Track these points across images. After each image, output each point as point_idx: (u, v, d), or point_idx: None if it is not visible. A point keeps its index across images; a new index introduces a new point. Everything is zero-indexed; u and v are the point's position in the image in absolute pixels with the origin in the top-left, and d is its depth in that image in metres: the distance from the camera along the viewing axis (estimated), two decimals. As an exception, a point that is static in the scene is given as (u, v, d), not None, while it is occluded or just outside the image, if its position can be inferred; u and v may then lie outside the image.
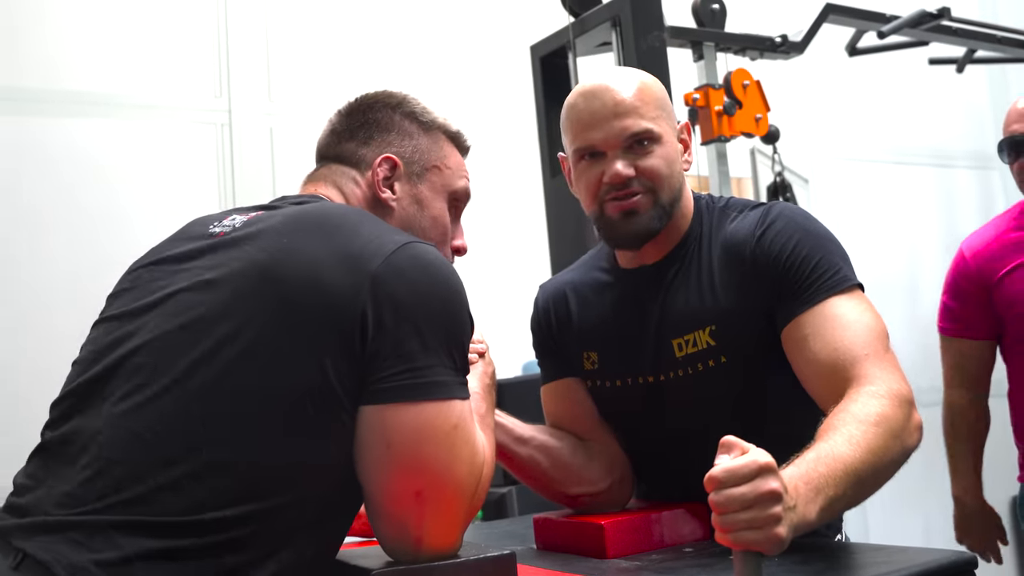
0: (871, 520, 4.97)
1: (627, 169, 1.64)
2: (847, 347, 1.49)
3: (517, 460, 1.74)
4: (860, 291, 1.59)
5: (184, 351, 1.21)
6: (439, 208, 1.54)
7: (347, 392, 1.22)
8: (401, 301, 1.23)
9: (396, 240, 1.28)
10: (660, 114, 1.68)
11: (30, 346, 3.27)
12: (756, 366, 1.63)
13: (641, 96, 1.67)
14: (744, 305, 1.62)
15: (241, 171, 3.76)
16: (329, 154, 1.56)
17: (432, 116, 1.58)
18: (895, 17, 3.80)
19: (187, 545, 1.14)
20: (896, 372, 1.48)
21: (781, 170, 3.61)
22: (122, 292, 1.38)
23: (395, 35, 4.18)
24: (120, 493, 1.15)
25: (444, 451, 1.24)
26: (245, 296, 1.22)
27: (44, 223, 3.44)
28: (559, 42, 3.34)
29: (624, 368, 1.76)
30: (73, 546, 1.12)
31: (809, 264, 1.58)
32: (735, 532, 1.12)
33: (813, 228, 1.64)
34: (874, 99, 5.37)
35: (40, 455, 1.26)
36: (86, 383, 1.26)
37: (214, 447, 1.17)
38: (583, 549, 1.60)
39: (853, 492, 1.30)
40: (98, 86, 3.62)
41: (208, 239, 1.35)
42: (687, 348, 1.67)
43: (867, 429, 1.35)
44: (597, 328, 1.80)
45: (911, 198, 5.53)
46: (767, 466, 1.13)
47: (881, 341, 1.52)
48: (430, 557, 1.27)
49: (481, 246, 4.03)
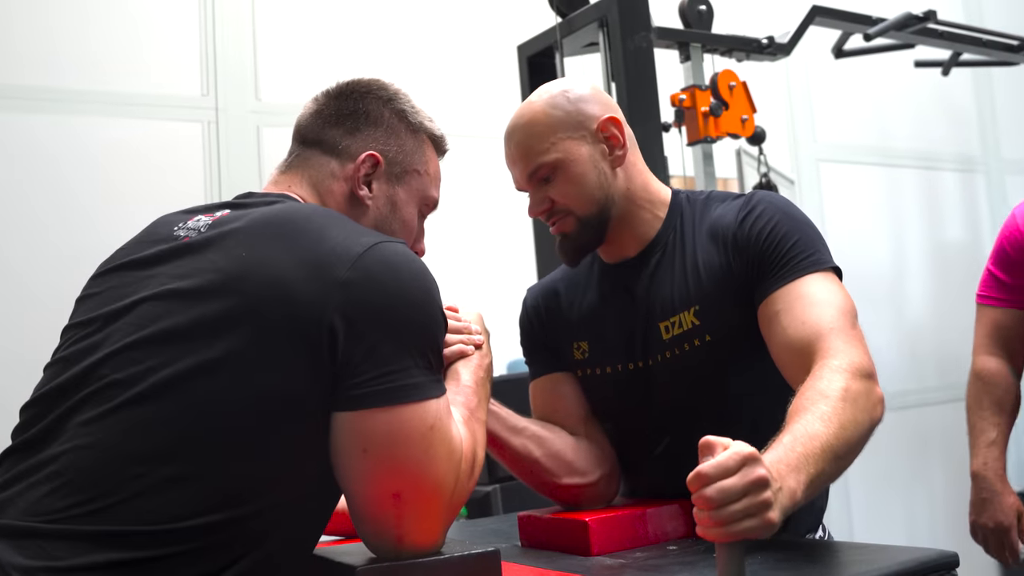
0: (855, 519, 4.99)
1: (539, 206, 1.76)
2: (814, 322, 1.53)
3: (510, 450, 1.75)
4: (834, 274, 1.63)
5: (149, 363, 1.19)
6: (410, 213, 1.53)
7: (317, 400, 1.21)
8: (371, 306, 1.22)
9: (363, 242, 1.26)
10: (554, 140, 1.72)
11: (9, 344, 3.26)
12: (740, 344, 1.66)
13: (529, 132, 1.74)
14: (726, 285, 1.66)
15: (228, 169, 3.75)
16: (310, 137, 1.53)
17: (420, 118, 1.56)
18: (881, 19, 3.81)
19: (154, 555, 1.13)
20: (859, 346, 1.52)
21: (767, 171, 3.62)
22: (88, 296, 1.37)
23: (383, 34, 4.18)
24: (86, 504, 1.14)
25: (420, 452, 1.24)
26: (211, 307, 1.21)
27: (30, 219, 3.43)
28: (546, 42, 3.35)
29: (614, 355, 1.78)
30: (35, 552, 1.11)
31: (786, 244, 1.62)
32: (730, 524, 1.13)
33: (793, 213, 1.68)
34: (860, 101, 5.39)
35: (10, 458, 1.25)
36: (54, 391, 1.25)
37: (180, 458, 1.16)
38: (567, 546, 1.60)
39: (831, 468, 1.32)
40: (84, 83, 3.60)
41: (174, 242, 1.33)
42: (673, 330, 1.70)
43: (836, 405, 1.37)
44: (587, 318, 1.84)
45: (896, 200, 5.55)
46: (751, 456, 1.14)
47: (847, 317, 1.55)
48: (412, 556, 1.27)
49: (466, 244, 4.04)
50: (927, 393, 5.40)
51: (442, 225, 3.92)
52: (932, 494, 5.36)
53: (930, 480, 5.36)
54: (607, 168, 1.74)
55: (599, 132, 1.74)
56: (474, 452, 1.36)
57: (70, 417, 1.21)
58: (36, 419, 1.25)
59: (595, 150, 1.74)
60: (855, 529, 4.94)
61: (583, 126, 1.74)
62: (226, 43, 3.88)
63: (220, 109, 3.82)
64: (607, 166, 1.74)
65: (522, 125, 1.75)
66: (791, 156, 5.15)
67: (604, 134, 1.74)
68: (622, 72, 3.01)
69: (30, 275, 3.36)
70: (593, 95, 1.77)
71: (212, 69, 3.84)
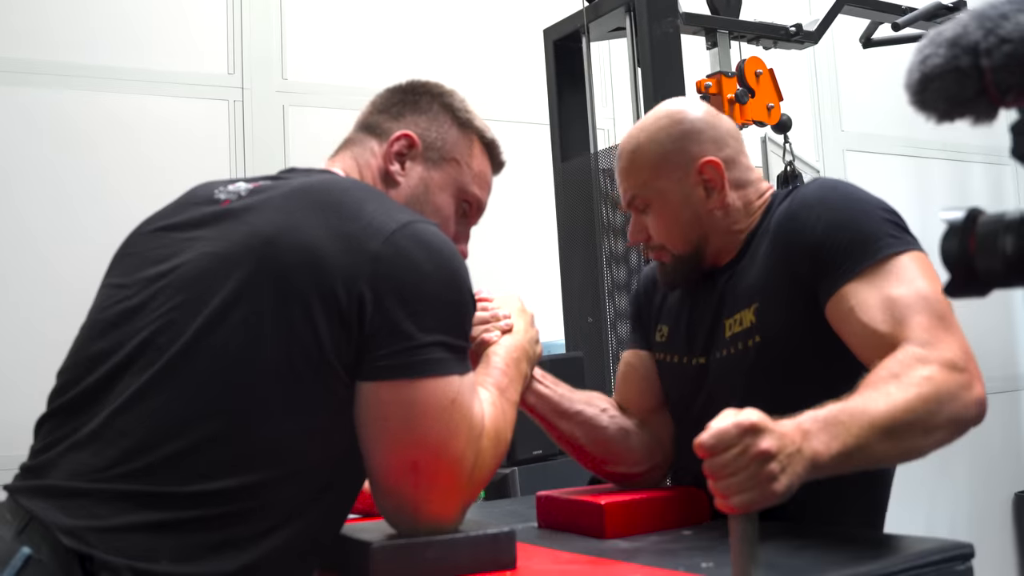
0: (873, 512, 4.97)
1: (637, 235, 1.76)
2: (898, 316, 1.42)
3: (556, 432, 1.78)
4: (909, 255, 1.50)
5: (186, 326, 1.23)
6: (444, 200, 1.54)
7: (345, 366, 1.24)
8: (401, 281, 1.25)
9: (399, 219, 1.29)
10: (651, 175, 1.71)
11: (48, 323, 3.29)
12: (796, 349, 1.58)
13: (631, 160, 1.73)
14: (783, 284, 1.59)
15: (253, 148, 3.76)
16: (361, 124, 1.59)
17: (470, 116, 1.59)
18: (911, 9, 3.78)
19: (189, 517, 1.16)
20: (954, 339, 1.40)
21: (792, 160, 3.60)
22: (128, 256, 1.40)
23: (409, 15, 4.18)
24: (126, 464, 1.17)
25: (441, 425, 1.26)
26: (246, 271, 1.24)
27: (60, 192, 3.46)
28: (573, 26, 3.34)
29: (684, 345, 1.78)
30: (78, 512, 1.15)
31: (847, 232, 1.52)
32: (733, 496, 1.13)
33: (851, 194, 1.60)
34: (887, 91, 5.35)
35: (51, 421, 1.28)
36: (96, 355, 1.28)
37: (212, 419, 1.19)
38: (583, 528, 1.61)
39: (881, 446, 1.26)
40: (112, 60, 3.63)
41: (213, 205, 1.37)
42: (734, 327, 1.66)
43: (908, 389, 1.30)
44: (673, 305, 1.84)
45: (923, 191, 5.51)
46: (753, 426, 1.13)
47: (935, 306, 1.42)
48: (429, 529, 1.29)
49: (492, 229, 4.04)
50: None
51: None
52: (953, 487, 5.34)
53: (951, 473, 5.34)
54: (703, 211, 1.69)
55: (698, 174, 1.68)
56: (498, 431, 1.37)
57: (112, 380, 1.24)
58: (75, 382, 1.28)
59: (692, 192, 1.69)
60: (873, 520, 4.92)
61: (681, 167, 1.68)
62: (253, 22, 3.89)
63: (246, 88, 3.83)
64: (703, 209, 1.69)
65: (628, 151, 1.75)
66: (817, 145, 5.12)
67: (703, 176, 1.68)
68: (648, 58, 3.00)
69: (59, 249, 3.39)
70: (703, 129, 1.70)
71: (238, 48, 3.85)
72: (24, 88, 3.48)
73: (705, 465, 1.14)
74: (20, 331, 3.33)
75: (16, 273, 3.37)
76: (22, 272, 3.38)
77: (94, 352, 1.28)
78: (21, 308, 3.35)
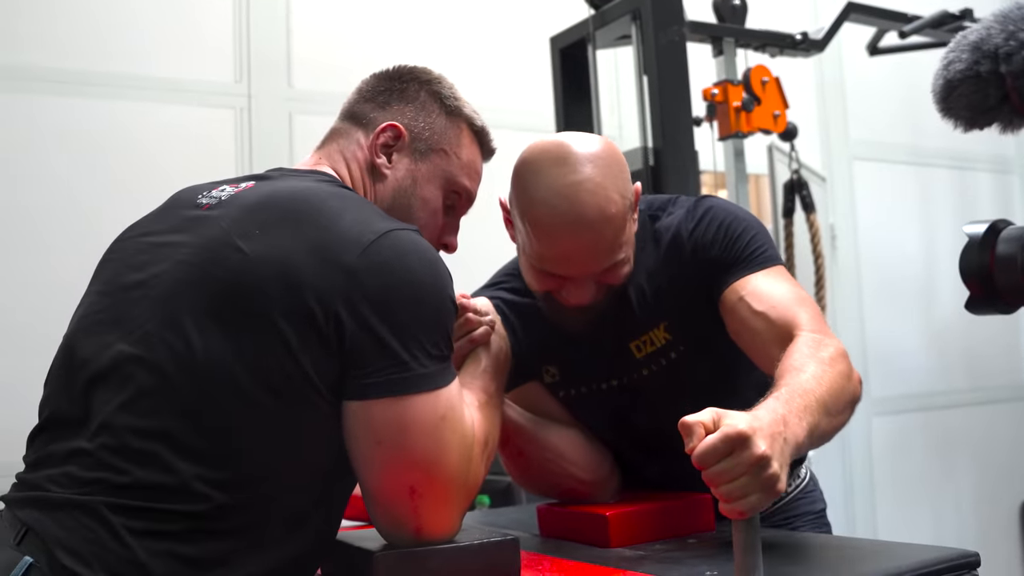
0: (881, 520, 4.97)
1: (592, 296, 1.59)
2: (785, 305, 1.54)
3: (510, 440, 1.71)
4: (779, 266, 1.64)
5: (165, 343, 1.20)
6: (432, 193, 1.50)
7: (326, 384, 1.21)
8: (380, 295, 1.22)
9: (376, 229, 1.25)
10: (622, 231, 1.56)
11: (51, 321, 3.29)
12: (716, 348, 1.66)
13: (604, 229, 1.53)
14: (689, 295, 1.66)
15: (260, 155, 3.76)
16: (346, 112, 1.56)
17: (459, 103, 1.55)
18: (917, 17, 3.78)
19: (181, 529, 1.15)
20: (828, 330, 1.53)
21: (798, 168, 3.60)
22: (109, 261, 1.39)
23: (416, 23, 4.18)
24: (114, 477, 1.16)
25: (433, 443, 1.24)
26: (220, 284, 1.22)
27: (64, 202, 3.46)
28: (579, 34, 3.34)
29: (589, 377, 1.76)
30: (71, 524, 1.14)
31: (741, 243, 1.63)
32: (737, 500, 1.14)
33: (740, 214, 1.69)
34: (893, 99, 5.35)
35: (42, 434, 1.28)
36: (75, 364, 1.27)
37: (195, 436, 1.17)
38: (588, 538, 1.60)
39: (825, 423, 1.33)
40: (120, 67, 3.63)
41: (194, 209, 1.35)
42: (646, 348, 1.70)
43: (826, 368, 1.38)
44: (547, 343, 1.74)
45: (928, 200, 5.50)
46: (740, 435, 1.13)
47: (813, 306, 1.57)
48: (429, 543, 1.28)
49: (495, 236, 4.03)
50: (955, 395, 5.36)
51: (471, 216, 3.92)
52: (959, 496, 5.33)
53: (957, 482, 5.33)
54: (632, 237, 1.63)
55: (635, 204, 1.63)
56: (488, 436, 1.37)
57: (94, 393, 1.23)
58: (59, 392, 1.28)
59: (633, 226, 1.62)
60: (880, 530, 4.91)
61: (632, 206, 1.61)
62: (259, 30, 3.89)
63: (253, 96, 3.83)
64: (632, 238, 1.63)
65: (595, 221, 1.52)
66: (823, 153, 5.12)
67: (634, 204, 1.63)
68: (654, 66, 3.00)
69: (63, 256, 3.38)
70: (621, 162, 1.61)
71: (245, 55, 3.85)
72: (32, 95, 3.48)
73: (704, 475, 1.15)
74: (24, 335, 3.33)
75: (22, 279, 3.38)
76: (28, 278, 3.38)
77: (77, 361, 1.27)
78: (26, 314, 3.35)
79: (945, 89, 0.85)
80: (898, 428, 5.14)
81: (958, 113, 0.88)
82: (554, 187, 1.52)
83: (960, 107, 0.86)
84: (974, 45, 0.81)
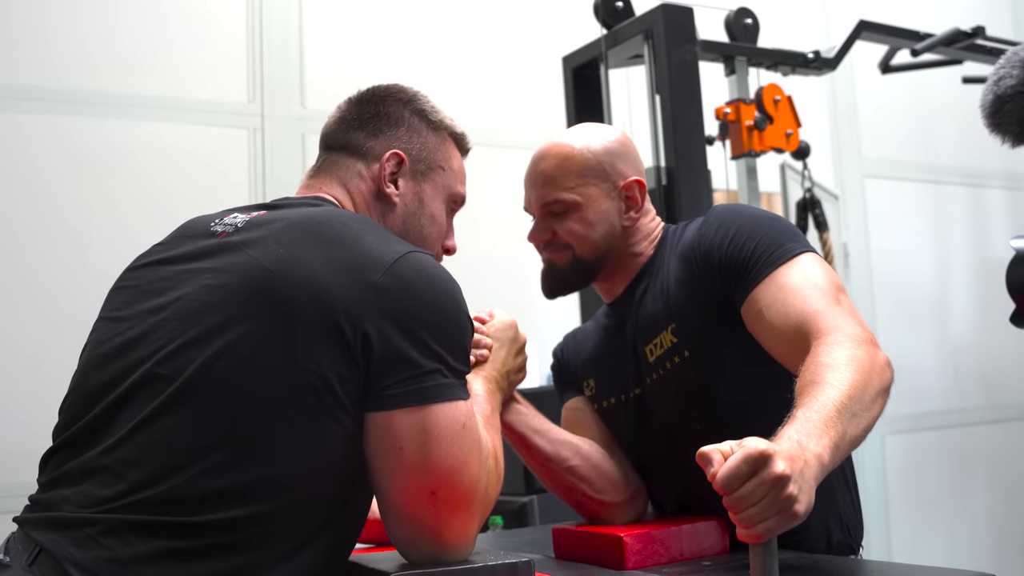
0: (895, 540, 4.94)
1: (541, 235, 1.83)
2: (800, 309, 1.53)
3: (539, 451, 1.76)
4: (804, 256, 1.62)
5: (189, 358, 1.22)
6: (438, 208, 1.57)
7: (350, 397, 1.24)
8: (404, 310, 1.26)
9: (397, 250, 1.30)
10: (580, 182, 1.79)
11: (63, 343, 3.30)
12: (721, 354, 1.68)
13: (562, 166, 1.79)
14: (697, 298, 1.69)
15: (273, 175, 3.78)
16: (336, 143, 1.57)
17: (440, 116, 1.60)
18: (929, 35, 3.78)
19: (198, 546, 1.16)
20: (851, 318, 1.51)
21: (811, 186, 3.60)
22: (123, 288, 1.40)
23: (428, 44, 4.20)
24: (134, 494, 1.17)
25: (455, 450, 1.26)
26: (248, 304, 1.24)
27: (77, 222, 3.48)
28: (591, 54, 3.35)
29: (615, 387, 1.84)
30: (87, 543, 1.15)
31: (749, 246, 1.63)
32: (755, 525, 1.13)
33: (750, 214, 1.71)
34: (906, 117, 5.35)
35: (57, 455, 1.28)
36: (99, 387, 1.28)
37: (218, 450, 1.19)
38: (602, 560, 1.60)
39: (852, 427, 1.31)
40: (133, 87, 3.65)
41: (211, 238, 1.37)
42: (656, 351, 1.74)
43: (842, 370, 1.37)
44: (591, 357, 1.92)
45: (942, 217, 5.49)
46: (761, 454, 1.13)
47: (830, 294, 1.56)
48: (447, 556, 1.29)
49: (508, 254, 4.04)
50: (970, 413, 5.33)
51: (485, 233, 3.93)
52: (975, 516, 5.29)
53: (973, 501, 5.30)
54: (618, 224, 1.80)
55: (623, 190, 1.80)
56: (497, 455, 1.39)
57: (115, 412, 1.24)
58: (78, 416, 1.28)
59: (613, 205, 1.80)
60: (894, 550, 4.89)
61: (611, 179, 1.80)
62: (273, 50, 3.91)
63: (266, 116, 3.85)
64: (619, 222, 1.80)
65: (554, 154, 1.81)
66: (835, 171, 5.11)
67: (626, 193, 1.80)
68: (667, 85, 3.01)
69: (75, 279, 3.40)
70: (630, 153, 1.84)
71: (258, 76, 3.87)
72: (45, 116, 3.51)
73: (725, 500, 1.14)
74: (29, 357, 3.34)
75: (29, 303, 3.39)
76: (34, 302, 3.39)
77: (96, 385, 1.28)
78: (32, 333, 3.36)
79: (995, 104, 0.85)
80: (912, 446, 5.12)
81: (1007, 128, 0.88)
82: (551, 139, 1.84)
83: (1010, 122, 0.86)
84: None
